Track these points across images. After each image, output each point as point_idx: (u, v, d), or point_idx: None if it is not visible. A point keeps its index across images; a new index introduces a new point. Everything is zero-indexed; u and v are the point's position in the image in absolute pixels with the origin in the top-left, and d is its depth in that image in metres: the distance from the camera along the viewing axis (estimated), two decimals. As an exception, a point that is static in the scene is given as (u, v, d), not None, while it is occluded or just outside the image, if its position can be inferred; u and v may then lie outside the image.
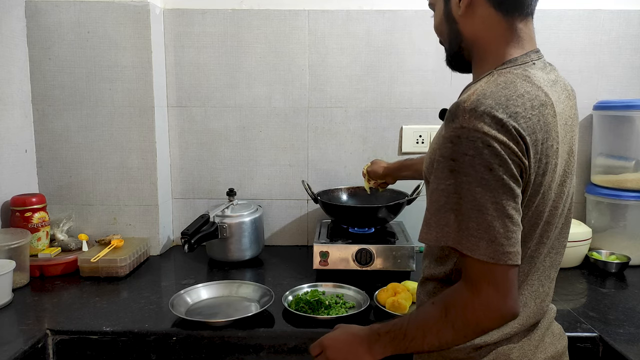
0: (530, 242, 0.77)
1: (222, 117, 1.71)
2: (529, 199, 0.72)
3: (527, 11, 0.78)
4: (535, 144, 0.69)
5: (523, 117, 0.68)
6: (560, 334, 0.90)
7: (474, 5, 0.78)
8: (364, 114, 1.71)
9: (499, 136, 0.66)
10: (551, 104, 0.72)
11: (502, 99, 0.68)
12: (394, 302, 1.15)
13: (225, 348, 1.09)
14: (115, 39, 1.55)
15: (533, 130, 0.68)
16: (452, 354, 0.81)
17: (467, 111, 0.67)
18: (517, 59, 0.76)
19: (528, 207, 0.73)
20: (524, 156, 0.68)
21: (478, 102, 0.67)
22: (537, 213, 0.75)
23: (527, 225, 0.74)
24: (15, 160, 1.50)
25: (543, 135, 0.70)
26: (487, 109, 0.66)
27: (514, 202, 0.67)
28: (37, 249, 1.46)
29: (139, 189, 1.62)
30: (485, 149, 0.66)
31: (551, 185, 0.74)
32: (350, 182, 1.73)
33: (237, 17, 1.66)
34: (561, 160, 0.76)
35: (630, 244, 1.52)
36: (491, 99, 0.68)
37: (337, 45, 1.67)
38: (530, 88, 0.71)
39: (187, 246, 1.37)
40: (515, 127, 0.67)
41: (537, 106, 0.70)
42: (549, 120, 0.71)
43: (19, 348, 1.00)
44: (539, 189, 0.72)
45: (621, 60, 1.68)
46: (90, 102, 1.58)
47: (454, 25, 0.82)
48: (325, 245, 1.41)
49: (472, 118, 0.67)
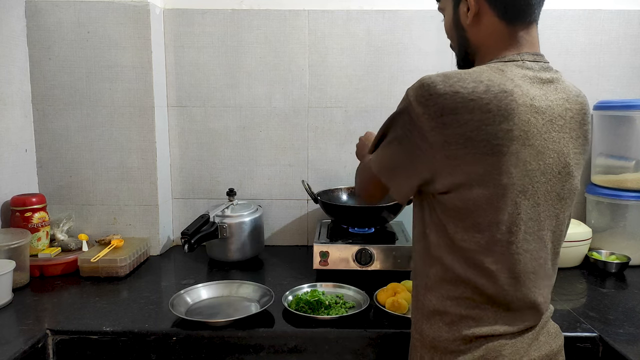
0: (497, 230, 0.77)
1: (222, 117, 1.71)
2: (476, 175, 0.75)
3: (530, 19, 0.82)
4: (470, 122, 0.73)
5: (462, 97, 0.73)
6: (556, 333, 0.90)
7: (480, 15, 0.83)
8: (364, 113, 1.71)
9: (416, 107, 0.76)
10: (520, 94, 0.75)
11: (454, 79, 0.75)
12: (394, 302, 1.15)
13: (225, 348, 1.10)
14: (115, 39, 1.55)
15: (471, 109, 0.73)
16: (442, 344, 0.82)
17: (418, 81, 0.78)
18: (506, 57, 0.81)
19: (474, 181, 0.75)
20: (440, 129, 0.74)
21: (428, 77, 0.77)
22: (495, 195, 0.75)
23: (486, 204, 0.76)
24: (15, 160, 1.50)
25: (493, 118, 0.73)
26: (427, 82, 0.76)
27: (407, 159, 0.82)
28: (37, 249, 1.46)
29: (139, 189, 1.62)
30: (405, 112, 0.80)
31: (510, 169, 0.74)
32: (350, 182, 1.74)
33: (237, 17, 1.66)
34: (532, 152, 0.76)
35: (630, 244, 1.53)
36: (442, 77, 0.76)
37: (337, 45, 1.68)
38: (495, 77, 0.75)
39: (187, 246, 1.37)
40: (443, 103, 0.74)
41: (496, 92, 0.74)
42: (511, 105, 0.74)
43: (19, 348, 1.00)
44: (488, 168, 0.74)
45: (621, 60, 1.68)
46: (90, 102, 1.58)
47: (462, 32, 0.87)
48: (325, 245, 1.41)
49: (414, 86, 0.78)
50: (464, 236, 0.79)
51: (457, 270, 0.80)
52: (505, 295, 0.80)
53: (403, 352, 1.04)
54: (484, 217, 0.77)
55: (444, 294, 0.83)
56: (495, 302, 0.81)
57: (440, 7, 0.94)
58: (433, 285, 0.84)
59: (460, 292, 0.81)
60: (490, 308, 0.81)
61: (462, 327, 0.81)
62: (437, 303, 0.84)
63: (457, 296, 0.82)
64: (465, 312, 0.81)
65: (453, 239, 0.80)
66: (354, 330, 1.10)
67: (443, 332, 0.83)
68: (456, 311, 0.82)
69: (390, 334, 1.09)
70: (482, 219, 0.77)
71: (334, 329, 1.11)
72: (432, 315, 0.85)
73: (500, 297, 0.80)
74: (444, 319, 0.83)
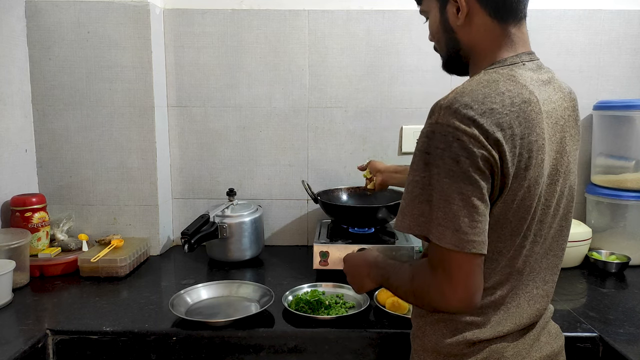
0: (518, 237, 0.77)
1: (222, 117, 1.71)
2: (512, 191, 0.73)
3: (520, 16, 0.82)
4: (513, 138, 0.71)
5: (499, 113, 0.70)
6: (556, 333, 0.90)
7: (471, 15, 0.81)
8: (364, 114, 1.71)
9: (468, 130, 0.69)
10: (536, 102, 0.74)
11: (480, 97, 0.71)
12: (394, 302, 1.15)
13: (225, 348, 1.09)
14: (115, 39, 1.55)
15: (510, 125, 0.71)
16: (445, 349, 0.82)
17: (443, 108, 0.71)
18: (507, 60, 0.80)
19: (512, 199, 0.74)
20: (494, 149, 0.70)
21: (454, 100, 0.71)
22: (523, 207, 0.75)
23: (514, 219, 0.75)
24: (15, 160, 1.50)
25: (523, 130, 0.72)
26: (461, 106, 0.70)
27: (479, 193, 0.70)
28: (37, 249, 1.46)
29: (139, 189, 1.62)
30: (455, 142, 0.69)
31: (538, 180, 0.75)
32: (350, 182, 1.73)
33: (237, 17, 1.66)
34: (548, 158, 0.77)
35: (630, 244, 1.52)
36: (468, 97, 0.71)
37: (337, 45, 1.67)
38: (512, 86, 0.74)
39: (187, 246, 1.37)
40: (487, 122, 0.69)
41: (519, 103, 0.72)
42: (532, 116, 0.73)
43: (19, 348, 1.00)
44: (522, 182, 0.73)
45: (621, 60, 1.68)
46: (90, 102, 1.58)
47: (451, 34, 0.85)
48: (325, 245, 1.41)
49: (446, 114, 0.70)
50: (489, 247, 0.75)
51: None
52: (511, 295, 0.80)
53: (403, 352, 1.04)
54: (510, 229, 0.76)
55: None
56: (502, 303, 0.81)
57: (423, 9, 0.91)
58: None
59: None
60: (496, 310, 0.81)
61: (466, 332, 0.81)
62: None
63: None
64: (470, 319, 0.80)
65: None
66: (354, 330, 1.10)
67: (447, 337, 0.82)
68: (462, 318, 0.81)
69: (390, 334, 1.09)
70: (507, 230, 0.76)
71: (334, 329, 1.11)
72: (436, 322, 0.84)
73: (506, 298, 0.80)
74: (449, 326, 0.82)
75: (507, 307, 0.81)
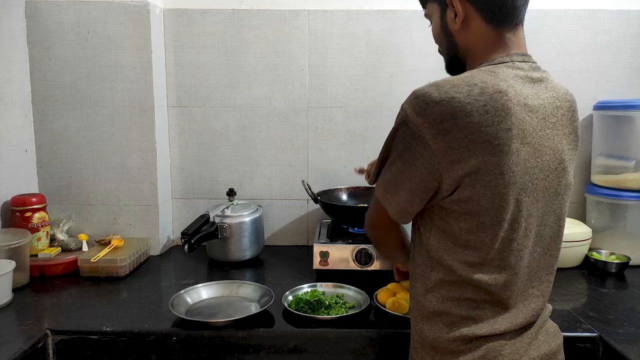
0: (499, 228, 0.78)
1: (222, 117, 1.71)
2: (478, 176, 0.75)
3: (516, 21, 0.84)
4: (467, 126, 0.74)
5: (458, 102, 0.74)
6: (555, 332, 0.90)
7: (468, 20, 0.85)
8: (364, 113, 1.71)
9: (415, 118, 0.77)
10: (514, 94, 0.76)
11: (447, 87, 0.76)
12: (394, 302, 1.15)
13: (225, 348, 1.10)
14: (115, 39, 1.55)
15: (468, 113, 0.74)
16: (443, 345, 0.83)
17: (412, 93, 0.79)
18: (496, 59, 0.82)
19: (481, 184, 0.76)
20: (438, 137, 0.75)
21: (422, 88, 0.78)
22: (498, 194, 0.76)
23: (490, 206, 0.76)
24: (15, 160, 1.50)
25: (489, 119, 0.74)
26: (421, 94, 0.77)
27: (410, 172, 0.80)
28: (37, 249, 1.46)
29: (139, 189, 1.62)
30: (403, 126, 0.79)
31: (512, 167, 0.75)
32: (350, 182, 1.73)
33: (237, 17, 1.66)
34: (533, 150, 0.77)
35: (630, 244, 1.53)
36: (435, 87, 0.77)
37: (337, 45, 1.68)
38: (488, 79, 0.76)
39: (187, 246, 1.37)
40: (437, 110, 0.74)
41: (491, 93, 0.75)
42: (508, 105, 0.75)
43: (19, 348, 1.00)
44: (490, 168, 0.75)
45: (621, 61, 1.68)
46: (90, 102, 1.58)
47: (450, 38, 0.89)
48: (325, 245, 1.41)
49: (408, 99, 0.79)
50: (468, 237, 0.79)
51: (458, 272, 0.81)
52: (505, 292, 0.81)
53: (403, 352, 1.04)
54: (488, 217, 0.77)
55: (445, 295, 0.83)
56: (496, 301, 0.82)
57: (427, 13, 0.95)
58: (433, 287, 0.84)
59: (461, 292, 0.82)
60: (491, 307, 0.82)
61: (462, 327, 0.82)
62: (437, 304, 0.84)
63: (458, 297, 0.82)
64: (466, 313, 0.82)
65: (455, 241, 0.81)
66: (354, 330, 1.10)
67: (443, 333, 0.83)
68: (457, 312, 0.82)
69: (390, 334, 1.09)
70: (486, 218, 0.77)
71: (334, 329, 1.11)
72: (432, 316, 0.85)
73: (501, 295, 0.81)
74: (445, 320, 0.83)
75: (502, 304, 0.82)
